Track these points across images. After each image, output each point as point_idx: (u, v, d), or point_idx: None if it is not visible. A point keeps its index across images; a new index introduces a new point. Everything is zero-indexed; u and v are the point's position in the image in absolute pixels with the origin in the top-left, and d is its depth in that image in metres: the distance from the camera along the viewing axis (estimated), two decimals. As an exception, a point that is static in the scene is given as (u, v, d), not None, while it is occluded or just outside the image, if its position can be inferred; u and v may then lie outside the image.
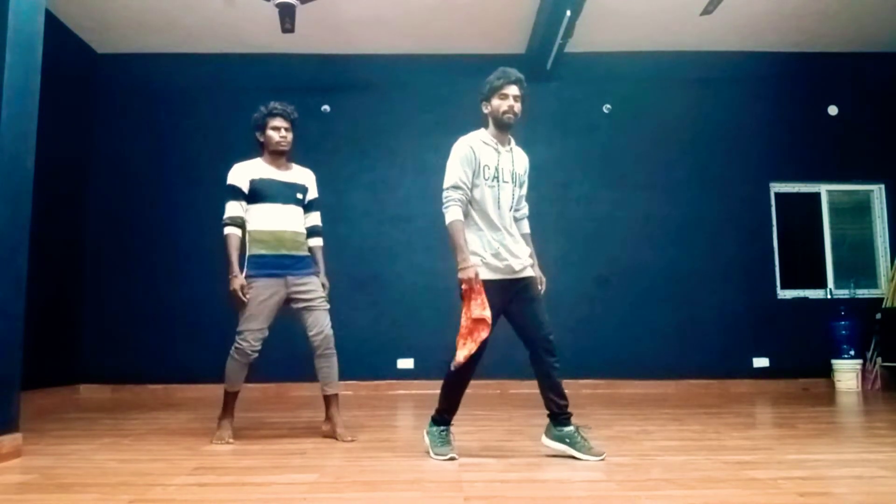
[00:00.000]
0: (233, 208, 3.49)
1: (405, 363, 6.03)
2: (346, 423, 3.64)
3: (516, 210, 3.10)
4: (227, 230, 3.46)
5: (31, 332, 3.34)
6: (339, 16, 5.68)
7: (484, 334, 2.83)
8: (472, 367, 2.93)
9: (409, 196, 6.27)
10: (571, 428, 2.92)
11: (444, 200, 2.95)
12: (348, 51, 6.32)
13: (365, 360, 5.92)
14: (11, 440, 2.95)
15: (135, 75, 6.34)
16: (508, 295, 2.96)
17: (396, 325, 6.08)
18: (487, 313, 2.83)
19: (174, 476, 2.60)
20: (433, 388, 5.88)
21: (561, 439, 2.92)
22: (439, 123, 6.39)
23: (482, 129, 3.09)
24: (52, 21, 4.76)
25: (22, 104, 3.11)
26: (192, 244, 6.10)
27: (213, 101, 6.33)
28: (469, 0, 5.52)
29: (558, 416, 2.94)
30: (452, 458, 2.88)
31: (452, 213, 2.92)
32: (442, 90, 6.41)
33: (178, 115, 6.32)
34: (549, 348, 2.94)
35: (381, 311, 6.10)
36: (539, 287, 3.08)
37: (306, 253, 3.58)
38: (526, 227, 3.20)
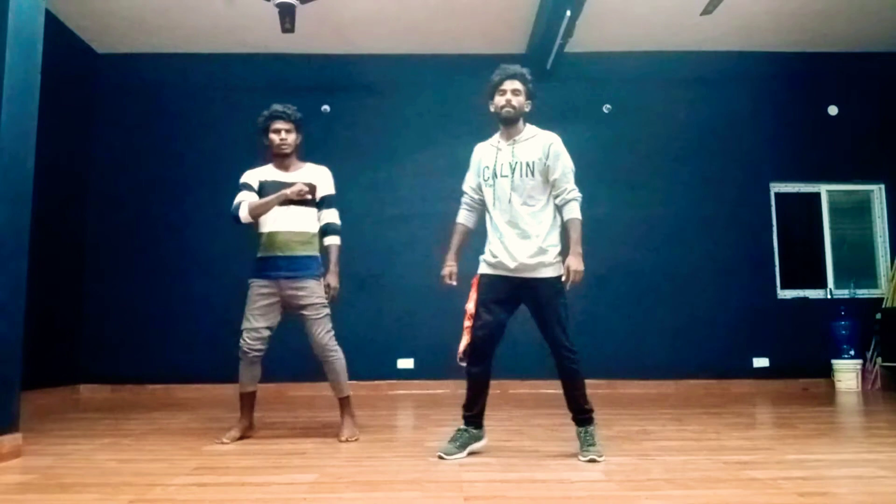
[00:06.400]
0: (240, 196, 3.50)
1: (405, 363, 6.03)
2: (355, 422, 3.58)
3: (531, 198, 2.96)
4: (241, 203, 3.44)
5: (31, 332, 3.34)
6: (339, 16, 5.68)
7: (466, 323, 3.01)
8: (472, 360, 3.00)
9: (408, 196, 6.27)
10: (580, 428, 2.98)
11: None
12: (348, 51, 6.32)
13: (365, 360, 5.90)
14: (11, 440, 2.95)
15: (135, 75, 6.33)
16: (509, 292, 2.98)
17: (396, 325, 6.07)
18: (469, 306, 3.03)
19: (174, 476, 2.60)
20: (433, 388, 5.94)
21: (577, 436, 3.00)
22: (439, 123, 6.40)
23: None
24: (52, 21, 4.76)
25: (22, 104, 3.11)
26: (192, 244, 6.10)
27: (213, 101, 6.33)
28: (469, 0, 5.52)
29: (573, 417, 3.03)
30: (442, 458, 2.90)
31: (458, 216, 3.23)
32: (442, 90, 6.42)
33: (178, 115, 6.32)
34: (560, 353, 2.96)
35: (382, 311, 6.10)
36: (559, 284, 2.95)
37: (305, 254, 3.48)
38: (568, 212, 2.96)
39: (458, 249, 3.18)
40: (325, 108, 6.34)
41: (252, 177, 3.57)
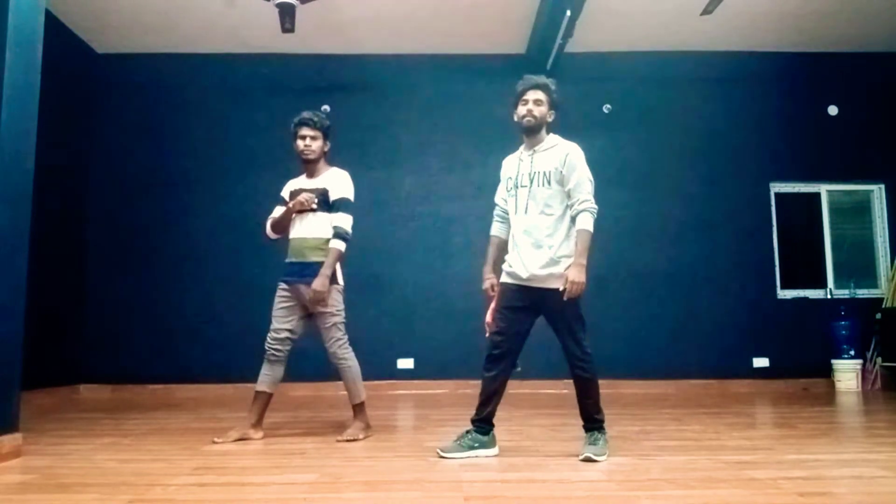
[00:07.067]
0: (273, 211, 3.66)
1: (405, 363, 6.03)
2: (360, 426, 3.54)
3: (548, 207, 2.98)
4: (268, 219, 3.66)
5: (31, 332, 3.34)
6: (339, 16, 5.68)
7: (486, 334, 3.06)
8: (486, 365, 3.02)
9: (409, 196, 6.27)
10: (587, 433, 2.99)
11: None
12: (348, 51, 6.32)
13: (365, 360, 5.85)
14: (11, 440, 2.95)
15: (135, 75, 6.33)
16: (525, 301, 2.99)
17: (396, 325, 6.07)
18: (487, 317, 3.10)
19: (174, 476, 2.60)
20: (433, 388, 5.94)
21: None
22: (439, 123, 6.41)
23: None
24: (52, 21, 4.76)
25: (22, 104, 3.11)
26: (193, 244, 6.11)
27: (213, 101, 6.33)
28: (469, 0, 5.52)
29: (583, 424, 3.03)
30: (441, 456, 2.91)
31: (491, 228, 3.25)
32: (442, 90, 6.42)
33: (178, 115, 6.32)
34: (571, 362, 2.97)
35: (381, 311, 6.09)
36: (562, 295, 2.88)
37: (316, 259, 3.47)
38: (578, 222, 2.95)
39: (493, 261, 3.20)
40: (325, 108, 6.33)
41: (287, 188, 3.69)
